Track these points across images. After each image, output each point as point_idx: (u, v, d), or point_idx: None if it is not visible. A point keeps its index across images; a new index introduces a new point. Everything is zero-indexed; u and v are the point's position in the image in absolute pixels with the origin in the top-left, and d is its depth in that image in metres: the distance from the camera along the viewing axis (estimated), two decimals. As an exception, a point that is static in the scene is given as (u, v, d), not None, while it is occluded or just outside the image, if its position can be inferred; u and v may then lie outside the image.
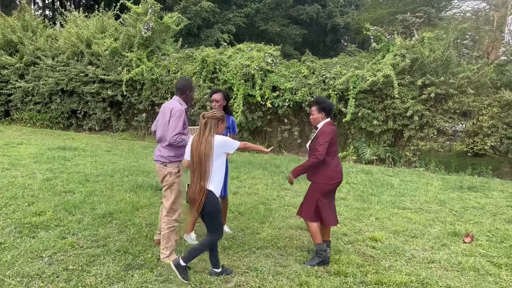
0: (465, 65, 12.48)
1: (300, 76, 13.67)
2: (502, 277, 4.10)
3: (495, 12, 16.67)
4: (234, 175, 8.66)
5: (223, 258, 4.18)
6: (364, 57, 14.17)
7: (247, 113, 14.02)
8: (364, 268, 4.11)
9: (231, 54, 14.62)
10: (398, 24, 18.35)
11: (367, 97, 12.71)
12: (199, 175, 3.65)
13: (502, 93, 11.39)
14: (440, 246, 4.94)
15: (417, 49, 12.16)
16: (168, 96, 15.25)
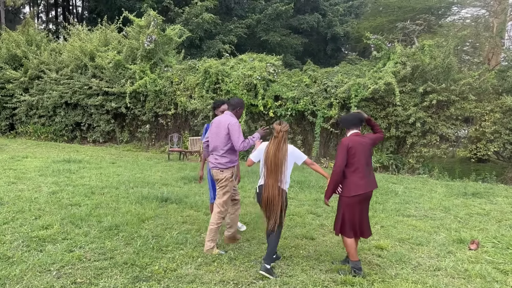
0: (466, 72, 12.55)
1: (302, 85, 13.75)
2: (508, 283, 4.10)
3: (494, 18, 16.76)
4: (238, 185, 8.68)
5: (229, 269, 4.20)
6: (365, 65, 14.26)
7: (250, 123, 14.09)
8: (370, 277, 4.12)
9: (233, 65, 14.75)
10: (398, 32, 18.47)
11: (369, 105, 12.77)
12: (275, 177, 4.24)
13: (504, 98, 11.43)
14: (446, 253, 4.94)
15: (418, 57, 12.23)
16: (171, 107, 15.36)
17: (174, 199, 6.95)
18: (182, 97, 14.97)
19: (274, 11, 21.90)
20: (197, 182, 8.94)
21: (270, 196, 4.22)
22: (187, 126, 15.81)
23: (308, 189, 8.78)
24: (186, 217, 6.08)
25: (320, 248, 4.93)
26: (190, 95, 15.03)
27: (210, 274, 4.07)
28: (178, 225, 5.63)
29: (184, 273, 4.05)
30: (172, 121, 15.83)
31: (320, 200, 7.70)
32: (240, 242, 5.05)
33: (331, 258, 4.61)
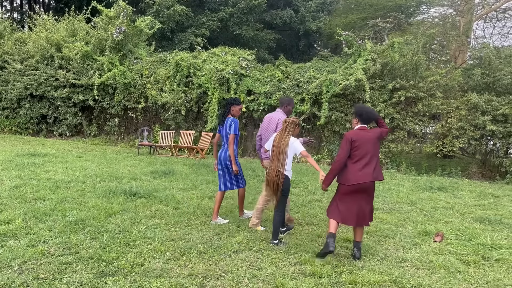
0: (433, 69, 12.88)
1: (274, 80, 13.77)
2: (470, 274, 4.24)
3: (461, 18, 17.26)
4: (210, 179, 8.64)
5: (198, 263, 4.16)
6: (337, 62, 14.41)
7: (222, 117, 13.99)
8: (338, 269, 4.17)
9: (205, 58, 14.61)
10: (369, 29, 18.75)
11: (340, 101, 12.93)
12: (277, 163, 4.79)
13: (469, 96, 11.79)
14: (411, 245, 5.07)
15: (387, 54, 12.46)
16: (141, 100, 15.09)
17: (143, 194, 6.83)
18: (153, 90, 14.73)
19: (247, 5, 21.79)
20: (167, 176, 8.84)
21: (271, 179, 4.81)
22: (157, 120, 15.58)
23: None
24: (155, 211, 5.99)
25: (290, 241, 4.96)
26: (161, 88, 14.81)
27: (178, 268, 4.02)
28: (147, 220, 5.54)
29: (152, 268, 3.99)
30: (142, 115, 15.55)
31: (291, 194, 7.73)
32: (210, 236, 5.01)
33: (300, 250, 4.63)
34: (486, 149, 12.66)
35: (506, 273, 4.28)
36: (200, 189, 7.72)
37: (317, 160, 12.97)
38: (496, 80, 11.77)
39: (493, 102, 11.46)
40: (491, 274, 4.23)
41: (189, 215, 5.84)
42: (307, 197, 7.60)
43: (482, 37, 21.40)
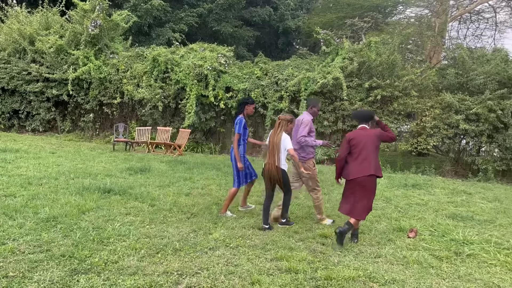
0: (409, 69, 13.11)
1: (253, 77, 13.76)
2: (443, 269, 4.33)
3: (436, 18, 17.63)
4: (187, 176, 8.56)
5: (173, 260, 4.11)
6: (315, 60, 14.51)
7: (200, 114, 13.92)
8: (314, 264, 4.19)
9: (183, 54, 14.47)
10: (347, 29, 18.93)
11: (318, 99, 13.01)
12: (273, 157, 5.22)
13: (443, 95, 12.06)
14: (386, 241, 5.14)
15: (365, 53, 12.62)
16: (117, 95, 14.83)
17: (117, 190, 6.71)
18: (129, 85, 14.49)
19: (226, 1, 21.66)
20: (143, 173, 8.71)
21: (269, 171, 5.26)
22: (134, 115, 15.34)
23: (258, 180, 8.78)
24: (130, 208, 5.88)
25: (267, 238, 4.95)
26: (138, 84, 14.59)
27: (153, 266, 3.96)
28: (121, 217, 5.44)
29: (126, 265, 3.91)
30: (118, 110, 15.29)
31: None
32: (186, 233, 4.96)
33: (276, 247, 4.64)
34: (459, 147, 13.00)
35: (477, 268, 4.39)
36: (177, 186, 7.64)
37: (295, 157, 13.03)
38: (469, 80, 12.08)
39: (466, 102, 11.76)
40: (462, 269, 4.33)
41: (165, 212, 5.77)
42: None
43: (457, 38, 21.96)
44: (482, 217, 6.73)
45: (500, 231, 5.92)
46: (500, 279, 4.10)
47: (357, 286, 3.74)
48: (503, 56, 12.39)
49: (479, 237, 5.47)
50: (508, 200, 8.47)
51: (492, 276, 4.19)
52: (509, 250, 4.99)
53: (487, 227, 6.11)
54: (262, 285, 3.62)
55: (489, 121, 11.35)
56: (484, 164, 11.59)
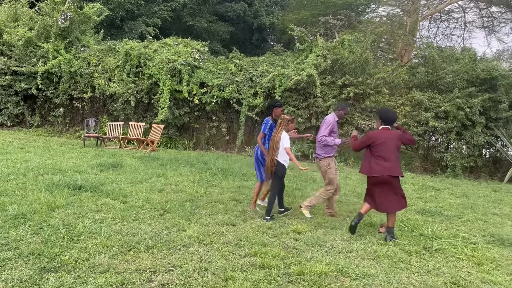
0: (381, 67, 13.35)
1: (228, 73, 13.70)
2: (412, 263, 4.44)
3: (408, 17, 18.00)
4: (160, 172, 8.45)
5: (146, 258, 4.06)
6: (289, 57, 14.58)
7: (174, 109, 13.77)
8: (287, 260, 4.22)
9: (156, 48, 14.26)
10: (321, 26, 19.09)
11: (292, 95, 13.10)
12: (273, 152, 5.74)
13: (413, 93, 12.35)
14: (357, 236, 5.23)
15: (338, 51, 12.76)
16: (88, 90, 14.49)
17: (88, 187, 6.56)
18: (100, 79, 14.18)
19: (200, -4, 21.51)
20: (115, 169, 8.55)
21: (268, 165, 5.82)
22: (105, 110, 15.03)
23: (232, 176, 8.80)
24: (101, 205, 5.77)
25: (241, 234, 4.96)
26: (109, 78, 14.29)
27: (125, 263, 3.90)
28: (92, 214, 5.32)
29: (97, 263, 3.84)
30: (89, 105, 14.94)
31: (243, 187, 7.76)
32: (159, 230, 4.90)
33: (250, 243, 4.65)
34: (429, 144, 13.35)
35: (445, 262, 4.53)
36: (149, 182, 7.53)
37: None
38: (439, 79, 12.41)
39: (435, 100, 12.09)
40: (431, 263, 4.46)
41: (137, 209, 5.68)
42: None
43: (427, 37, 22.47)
44: (450, 212, 6.95)
45: (467, 226, 6.13)
46: (467, 273, 4.24)
47: (329, 281, 3.80)
48: (471, 56, 12.78)
49: (447, 232, 5.65)
50: (475, 195, 8.77)
51: (459, 270, 4.33)
52: (476, 244, 5.17)
53: (455, 222, 6.31)
54: (235, 281, 3.62)
55: (458, 119, 11.71)
56: (453, 160, 11.96)
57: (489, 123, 11.99)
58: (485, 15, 21.61)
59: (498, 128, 11.90)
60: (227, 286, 3.52)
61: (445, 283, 3.93)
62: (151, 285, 3.54)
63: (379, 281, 3.87)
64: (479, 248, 4.99)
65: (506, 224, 6.42)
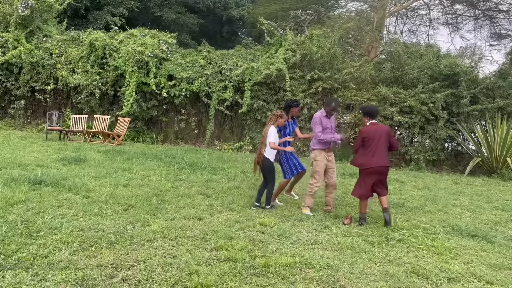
0: (348, 62, 13.52)
1: (197, 66, 13.55)
2: (375, 253, 4.54)
3: (375, 13, 18.29)
4: (125, 167, 8.28)
5: (108, 253, 3.97)
6: (259, 50, 14.56)
7: (141, 102, 13.51)
8: (253, 253, 4.23)
9: (122, 39, 13.91)
10: (291, 20, 19.12)
11: (262, 89, 13.09)
12: (261, 146, 6.08)
13: (379, 88, 12.59)
14: (323, 228, 5.31)
15: (307, 45, 12.84)
16: (50, 81, 14.00)
17: (49, 182, 6.35)
18: (64, 71, 13.73)
19: (169, -14, 21.12)
20: (78, 163, 8.32)
21: (256, 158, 6.18)
22: (69, 103, 14.57)
23: (200, 170, 8.73)
24: (62, 200, 5.60)
25: (207, 228, 4.93)
26: (73, 70, 13.85)
27: (86, 259, 3.80)
28: (53, 209, 5.16)
29: (57, 259, 3.73)
30: (51, 97, 14.44)
31: (211, 181, 7.72)
32: (122, 226, 4.80)
33: (216, 237, 4.63)
34: (393, 138, 13.64)
35: (406, 252, 4.65)
36: (114, 177, 7.36)
37: (240, 147, 13.07)
38: (404, 74, 12.70)
39: (400, 95, 12.37)
40: (393, 254, 4.58)
41: (100, 204, 5.55)
42: (227, 184, 7.62)
43: (394, 33, 22.93)
44: (412, 204, 7.15)
45: (428, 217, 6.32)
46: (426, 262, 4.37)
47: (293, 272, 3.83)
48: (435, 52, 13.14)
49: (409, 223, 5.81)
50: (436, 188, 9.06)
51: (419, 259, 4.46)
52: (436, 235, 5.34)
53: (416, 214, 6.49)
54: (200, 275, 3.59)
55: (421, 114, 12.03)
56: (416, 154, 12.29)
57: (451, 118, 12.39)
58: (449, 12, 22.27)
59: (460, 122, 12.32)
60: (191, 280, 3.49)
61: (405, 272, 4.04)
62: (113, 281, 3.46)
63: (342, 272, 3.94)
64: (439, 239, 5.15)
65: (465, 215, 6.67)
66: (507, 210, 7.26)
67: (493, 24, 21.74)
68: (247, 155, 12.14)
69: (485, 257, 4.65)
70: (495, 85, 12.44)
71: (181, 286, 3.43)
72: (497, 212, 7.05)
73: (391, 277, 3.91)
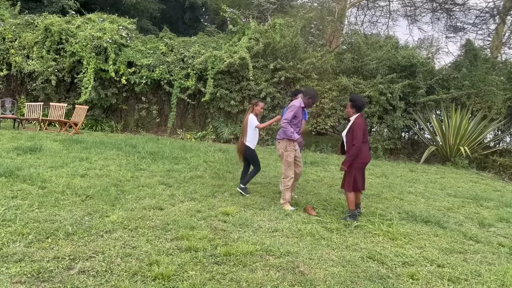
0: (310, 52, 13.67)
1: (158, 53, 13.27)
2: (333, 240, 4.68)
3: (336, 4, 18.53)
4: (83, 156, 8.04)
5: (65, 245, 3.87)
6: (222, 38, 14.43)
7: (99, 89, 13.10)
8: (214, 242, 4.25)
9: (80, 24, 13.39)
10: (254, 9, 19.09)
11: (225, 78, 13.02)
12: (242, 135, 6.39)
13: (340, 78, 12.83)
14: (284, 216, 5.40)
15: (270, 34, 12.85)
16: (3, 67, 13.32)
17: (2, 172, 6.08)
18: (17, 56, 13.08)
19: (128, -30, 20.42)
20: (34, 153, 8.00)
21: (238, 147, 6.50)
22: (23, 90, 13.93)
23: (162, 160, 8.62)
24: (17, 191, 5.38)
25: (168, 218, 4.89)
26: (27, 55, 13.22)
27: (42, 251, 3.69)
28: (7, 201, 4.96)
29: (11, 252, 3.60)
30: (4, 84, 13.76)
31: (173, 170, 7.64)
32: (80, 217, 4.69)
33: (178, 226, 4.61)
34: (353, 127, 13.97)
35: (362, 238, 4.83)
36: (71, 167, 7.14)
37: (203, 136, 12.98)
38: (364, 65, 13.01)
39: (360, 85, 12.67)
40: (350, 240, 4.73)
41: (57, 195, 5.38)
42: (189, 173, 7.57)
43: (355, 24, 23.37)
44: (370, 191, 7.39)
45: (385, 204, 6.57)
46: (382, 247, 4.56)
47: (254, 260, 3.89)
48: (394, 43, 13.52)
49: (366, 210, 6.01)
50: (393, 175, 9.40)
51: (375, 245, 4.64)
52: (391, 221, 5.56)
53: (373, 201, 6.73)
54: (160, 265, 3.58)
55: (380, 104, 12.39)
56: (375, 143, 12.67)
57: (408, 108, 12.83)
58: (408, 4, 22.92)
59: (416, 112, 12.79)
60: (151, 271, 3.48)
61: (362, 258, 4.20)
62: (70, 272, 3.39)
63: (301, 258, 4.04)
64: (394, 224, 5.38)
65: (419, 202, 6.97)
66: (459, 196, 7.65)
67: (450, 17, 22.63)
68: (210, 144, 12.09)
69: (437, 242, 4.90)
70: (450, 77, 12.98)
71: (141, 276, 3.41)
72: (450, 199, 7.42)
73: (348, 262, 4.05)
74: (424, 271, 4.02)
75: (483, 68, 13.09)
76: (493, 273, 4.06)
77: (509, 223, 6.08)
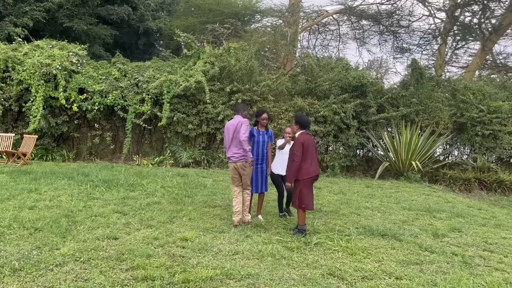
0: (266, 75, 13.90)
1: (110, 79, 13.01)
2: (294, 259, 4.66)
3: (288, 28, 19.07)
4: (32, 187, 7.64)
5: (11, 282, 3.60)
6: (177, 63, 14.38)
7: (49, 118, 12.62)
8: (172, 269, 4.11)
9: (27, 51, 12.95)
10: (209, 33, 19.25)
11: (182, 102, 12.93)
12: None
13: (295, 99, 13.08)
14: (244, 238, 5.33)
15: (225, 58, 12.98)
16: None
17: None
18: (-41, 85, 12.39)
19: (78, -3, 20.08)
20: None
21: None
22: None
23: (116, 187, 8.33)
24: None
25: (123, 247, 4.70)
26: (-30, 84, 12.56)
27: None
28: None
29: None
30: None
31: (128, 198, 7.39)
32: (28, 251, 4.40)
33: (133, 255, 4.43)
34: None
35: (323, 255, 4.84)
36: (19, 199, 6.75)
37: (160, 161, 12.72)
38: (317, 86, 13.35)
39: (315, 105, 12.97)
40: (310, 257, 4.73)
41: (2, 229, 5.05)
42: (146, 200, 7.36)
43: (307, 47, 24.09)
44: (328, 208, 7.48)
45: (343, 220, 6.65)
46: (342, 263, 4.59)
47: (214, 285, 3.79)
48: (344, 65, 14.02)
49: (325, 227, 6.06)
50: (350, 192, 9.58)
51: (335, 261, 4.66)
52: (350, 236, 5.63)
53: (332, 217, 6.80)
54: (115, 297, 3.41)
55: (334, 123, 12.70)
56: (332, 161, 12.93)
57: (361, 126, 13.24)
58: (356, 27, 24.00)
59: (369, 130, 13.21)
60: (105, 304, 3.30)
61: (322, 275, 4.19)
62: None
63: (262, 279, 3.98)
64: (353, 240, 5.44)
65: (376, 216, 7.12)
66: (414, 209, 7.90)
67: (396, 39, 23.88)
68: (168, 169, 11.86)
69: (394, 254, 5.00)
70: (399, 95, 13.57)
71: (94, 310, 3.22)
72: (404, 212, 7.64)
73: (309, 280, 4.04)
74: (383, 284, 4.06)
75: (428, 86, 13.80)
76: (448, 282, 4.17)
77: (461, 232, 6.33)
